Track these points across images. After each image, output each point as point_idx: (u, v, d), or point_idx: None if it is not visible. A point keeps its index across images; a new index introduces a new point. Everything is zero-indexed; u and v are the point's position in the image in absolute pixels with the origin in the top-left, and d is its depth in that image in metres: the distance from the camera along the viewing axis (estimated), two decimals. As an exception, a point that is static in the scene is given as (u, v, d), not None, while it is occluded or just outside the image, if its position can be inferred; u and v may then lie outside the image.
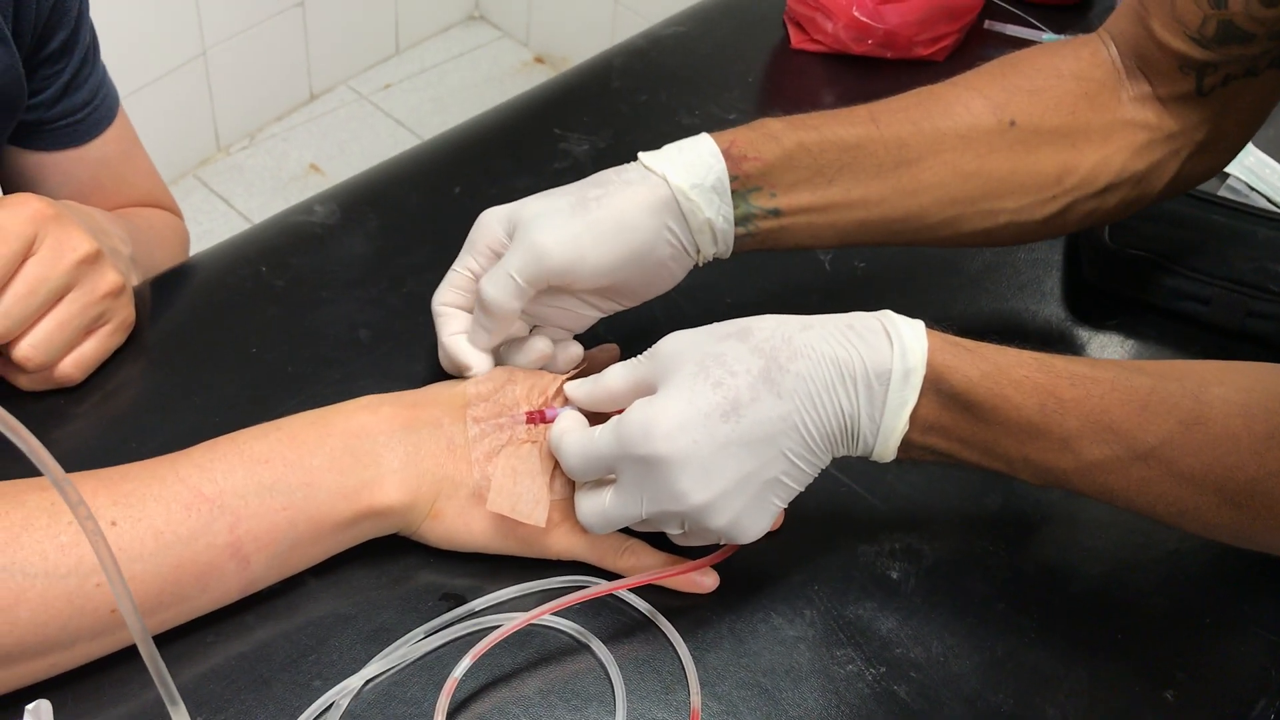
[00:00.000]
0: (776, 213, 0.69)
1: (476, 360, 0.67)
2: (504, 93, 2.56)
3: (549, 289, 0.66)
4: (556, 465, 0.65)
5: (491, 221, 0.68)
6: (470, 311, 0.68)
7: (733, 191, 0.68)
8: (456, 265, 0.69)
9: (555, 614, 0.61)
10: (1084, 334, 0.85)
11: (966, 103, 0.71)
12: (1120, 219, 0.77)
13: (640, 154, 0.68)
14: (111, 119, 0.88)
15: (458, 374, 0.69)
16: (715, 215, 0.68)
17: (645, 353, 0.62)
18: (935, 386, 0.58)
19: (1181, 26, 0.69)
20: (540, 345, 0.69)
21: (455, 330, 0.69)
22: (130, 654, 0.58)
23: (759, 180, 0.68)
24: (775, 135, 0.69)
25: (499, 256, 0.67)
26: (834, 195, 0.70)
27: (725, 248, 0.70)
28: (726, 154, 0.67)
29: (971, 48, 1.13)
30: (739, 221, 0.69)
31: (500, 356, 0.70)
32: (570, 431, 0.63)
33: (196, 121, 2.28)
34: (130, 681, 0.58)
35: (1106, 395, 0.57)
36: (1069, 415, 0.57)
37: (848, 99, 1.03)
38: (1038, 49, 0.76)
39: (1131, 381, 0.58)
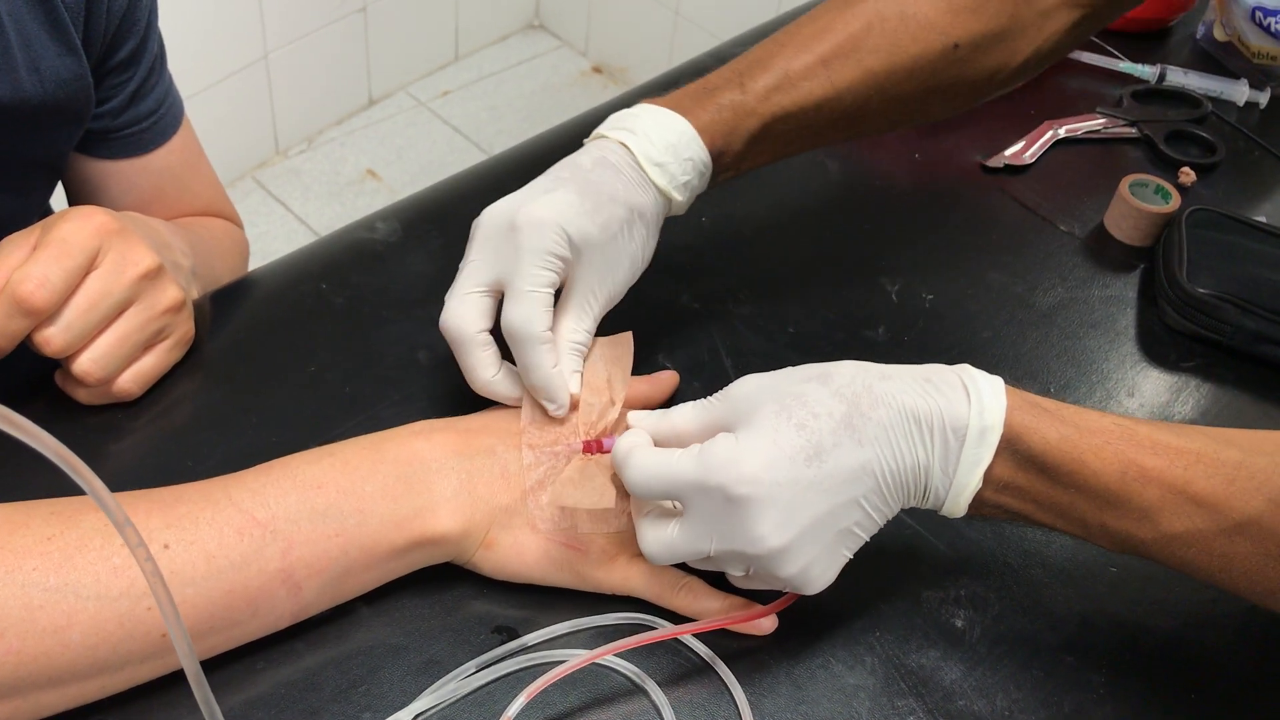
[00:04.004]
0: (734, 171, 0.74)
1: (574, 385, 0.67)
2: (561, 102, 2.57)
3: None
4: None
5: (556, 232, 0.64)
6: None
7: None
8: (531, 285, 0.64)
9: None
10: (1158, 376, 0.82)
11: (915, 34, 0.73)
12: None
13: (643, 160, 0.68)
14: (176, 128, 0.88)
15: (555, 404, 0.66)
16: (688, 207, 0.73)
17: (718, 394, 0.60)
18: (1012, 446, 0.56)
19: None
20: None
21: (555, 361, 0.65)
22: (180, 677, 0.57)
23: (729, 164, 0.72)
24: (744, 121, 0.71)
25: (564, 269, 0.65)
26: (789, 151, 0.76)
27: None
28: (717, 161, 0.71)
29: (1046, 75, 1.10)
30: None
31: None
32: (642, 447, 0.60)
33: (256, 124, 2.30)
34: (179, 705, 0.58)
35: (1191, 467, 0.55)
36: (1150, 485, 0.55)
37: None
38: None
39: (1219, 454, 0.55)
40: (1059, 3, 0.74)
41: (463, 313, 0.65)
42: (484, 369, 0.66)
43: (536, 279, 0.64)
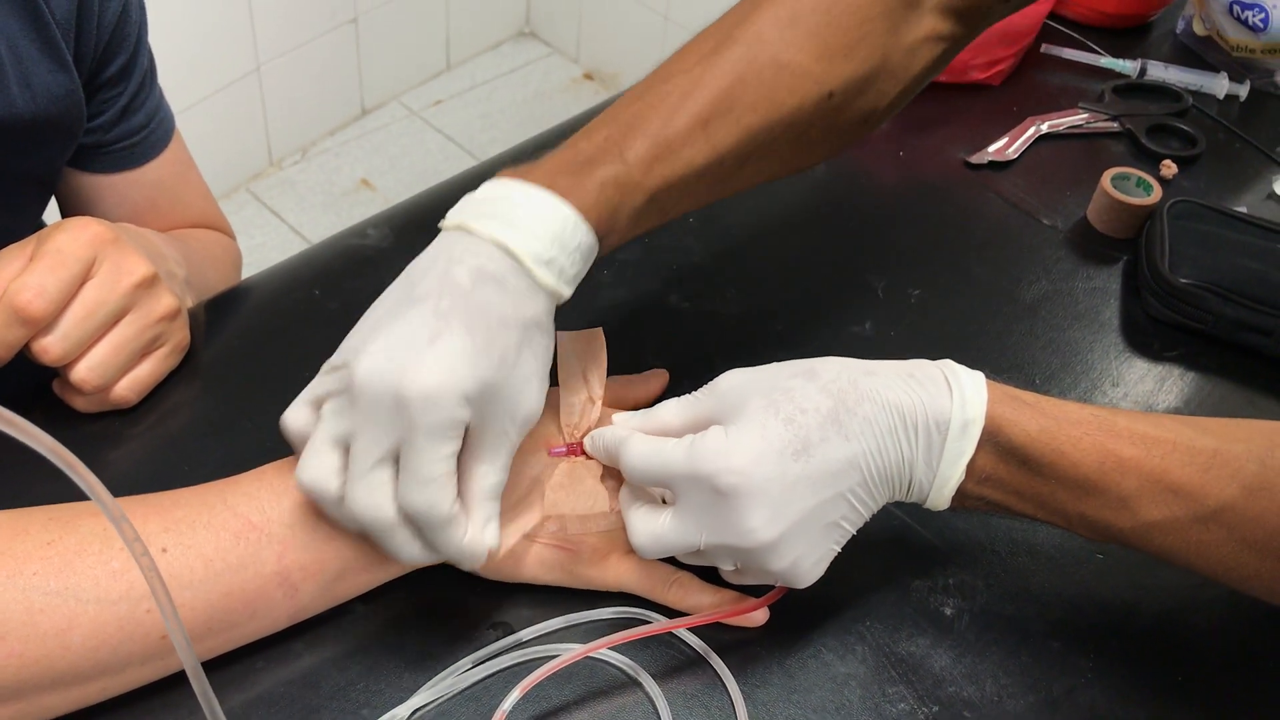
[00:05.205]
0: (610, 248, 0.65)
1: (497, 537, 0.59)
2: (553, 109, 2.58)
3: None
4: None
5: (451, 401, 0.55)
6: None
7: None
8: (432, 470, 0.55)
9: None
10: (1142, 365, 0.83)
11: (792, 88, 0.67)
12: None
13: (530, 261, 0.59)
14: (168, 141, 0.89)
15: (474, 565, 0.60)
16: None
17: (703, 389, 0.61)
18: (993, 439, 0.57)
19: None
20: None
21: (465, 531, 0.58)
22: (182, 678, 0.58)
23: (612, 243, 0.64)
24: (629, 198, 0.63)
25: (462, 431, 0.57)
26: (665, 218, 0.67)
27: None
28: (602, 242, 0.62)
29: (1027, 71, 1.11)
30: None
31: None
32: (636, 436, 0.61)
33: (249, 136, 2.31)
34: (181, 705, 0.58)
35: (1167, 456, 0.56)
36: (1128, 474, 0.56)
37: (902, 123, 1.03)
38: None
39: (1195, 442, 0.57)
40: (924, 38, 0.71)
41: (374, 502, 0.56)
42: (409, 548, 0.58)
43: (436, 456, 0.55)
